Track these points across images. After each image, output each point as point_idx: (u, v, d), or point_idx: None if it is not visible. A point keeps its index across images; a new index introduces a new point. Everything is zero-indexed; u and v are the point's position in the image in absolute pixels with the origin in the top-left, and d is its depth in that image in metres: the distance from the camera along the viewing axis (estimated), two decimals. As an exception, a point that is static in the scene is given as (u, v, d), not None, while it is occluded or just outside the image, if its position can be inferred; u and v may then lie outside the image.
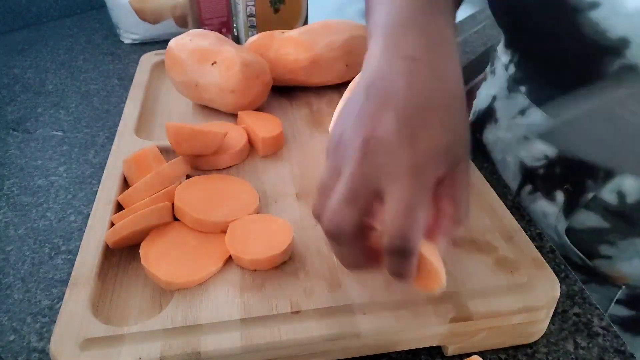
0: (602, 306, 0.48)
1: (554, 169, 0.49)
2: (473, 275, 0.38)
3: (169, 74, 0.59)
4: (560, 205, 0.49)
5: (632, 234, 0.46)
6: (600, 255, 0.49)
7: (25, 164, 0.61)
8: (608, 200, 0.45)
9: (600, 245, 0.48)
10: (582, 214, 0.47)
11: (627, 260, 0.47)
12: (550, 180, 0.50)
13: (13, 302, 0.43)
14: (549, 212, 0.50)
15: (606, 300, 0.51)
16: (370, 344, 0.36)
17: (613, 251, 0.48)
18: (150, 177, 0.44)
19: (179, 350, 0.33)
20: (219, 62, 0.55)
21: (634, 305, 0.51)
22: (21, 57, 0.89)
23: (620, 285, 0.50)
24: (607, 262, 0.49)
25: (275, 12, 0.81)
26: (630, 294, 0.50)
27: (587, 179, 0.46)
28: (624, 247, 0.47)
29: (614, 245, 0.47)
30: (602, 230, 0.47)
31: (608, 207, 0.46)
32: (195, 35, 0.58)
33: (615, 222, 0.46)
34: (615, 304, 0.52)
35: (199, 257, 0.39)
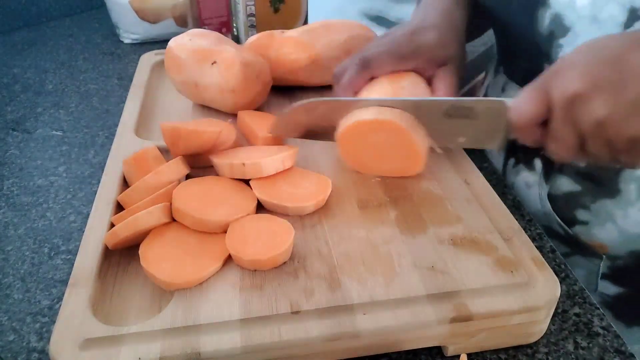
0: (590, 284, 0.52)
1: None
2: (473, 275, 0.38)
3: (168, 74, 0.58)
4: (540, 172, 0.52)
5: (601, 196, 0.49)
6: (577, 221, 0.51)
7: (25, 164, 0.61)
8: (578, 163, 0.49)
9: (576, 210, 0.51)
10: (558, 179, 0.51)
11: (601, 225, 0.50)
12: (527, 149, 0.52)
13: (13, 302, 0.43)
14: (531, 182, 0.54)
15: (593, 276, 0.52)
16: (370, 344, 0.36)
17: (588, 216, 0.50)
18: (150, 177, 0.44)
19: (179, 350, 0.33)
20: (219, 62, 0.55)
21: (619, 279, 0.52)
22: (21, 57, 0.89)
23: (601, 255, 0.51)
24: (585, 228, 0.51)
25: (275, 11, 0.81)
26: (612, 266, 0.52)
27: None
28: (596, 211, 0.50)
29: (588, 209, 0.50)
30: (576, 194, 0.50)
31: (579, 170, 0.49)
32: (194, 35, 0.58)
33: (585, 184, 0.49)
34: (602, 281, 0.53)
35: (199, 257, 0.39)
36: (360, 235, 0.42)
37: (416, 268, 0.39)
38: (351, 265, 0.39)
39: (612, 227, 0.49)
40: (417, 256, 0.40)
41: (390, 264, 0.39)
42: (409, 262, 0.39)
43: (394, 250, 0.41)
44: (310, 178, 0.47)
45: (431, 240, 0.41)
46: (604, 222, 0.50)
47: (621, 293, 0.53)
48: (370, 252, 0.40)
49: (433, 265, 0.39)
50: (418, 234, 0.42)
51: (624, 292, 0.53)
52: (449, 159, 0.51)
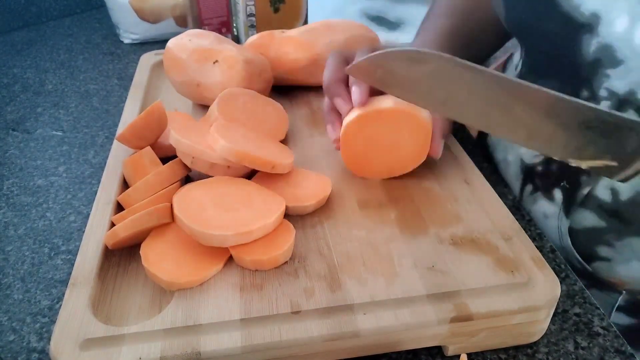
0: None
1: (551, 165, 0.50)
2: (473, 275, 0.38)
3: (168, 75, 0.58)
4: (559, 204, 0.50)
5: (627, 234, 0.46)
6: (598, 257, 0.49)
7: (25, 164, 0.61)
8: (603, 198, 0.46)
9: (598, 246, 0.48)
10: (580, 213, 0.48)
11: (624, 263, 0.48)
12: (548, 177, 0.51)
13: (13, 302, 0.43)
14: (549, 213, 0.51)
15: (608, 308, 0.51)
16: (370, 344, 0.36)
17: (611, 253, 0.48)
18: (150, 178, 0.44)
19: (179, 350, 0.33)
20: (220, 61, 0.55)
21: (634, 312, 0.51)
22: (21, 57, 0.89)
23: (621, 290, 0.50)
24: (606, 265, 0.49)
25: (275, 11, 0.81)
26: (630, 299, 0.50)
27: (581, 175, 0.47)
28: (620, 248, 0.47)
29: (611, 246, 0.47)
30: (599, 230, 0.47)
31: (603, 205, 0.46)
32: (194, 35, 0.58)
33: (610, 221, 0.46)
34: (616, 312, 0.52)
35: (200, 257, 0.39)
36: (360, 235, 0.42)
37: (416, 268, 0.39)
38: (351, 265, 0.39)
39: (637, 265, 0.47)
40: (417, 256, 0.40)
41: (391, 264, 0.39)
42: (409, 262, 0.39)
43: (394, 250, 0.41)
44: (310, 178, 0.47)
45: (431, 240, 0.41)
46: (629, 260, 0.47)
47: (634, 324, 0.51)
48: (370, 252, 0.40)
49: (433, 265, 0.39)
50: (418, 234, 0.42)
51: (637, 323, 0.51)
52: (449, 158, 0.51)
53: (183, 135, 0.44)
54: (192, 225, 0.38)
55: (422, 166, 0.50)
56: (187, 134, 0.45)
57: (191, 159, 0.44)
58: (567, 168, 0.45)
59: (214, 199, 0.41)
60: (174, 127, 0.45)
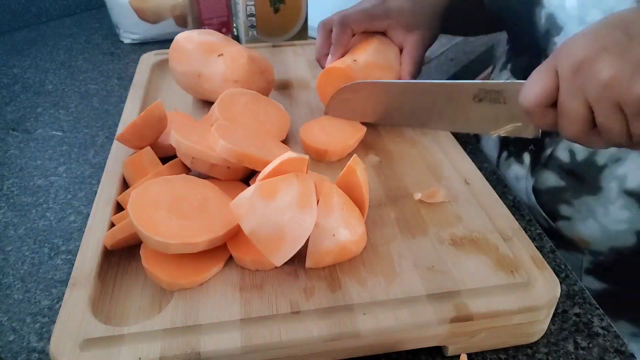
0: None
1: None
2: (473, 275, 0.38)
3: (171, 65, 0.59)
4: (527, 166, 0.55)
5: (583, 192, 0.50)
6: (561, 216, 0.53)
7: (25, 164, 0.61)
8: (562, 158, 0.51)
9: (560, 205, 0.53)
10: (544, 174, 0.53)
11: (583, 221, 0.51)
12: (518, 143, 0.56)
13: (13, 302, 0.43)
14: (520, 175, 0.56)
15: (577, 271, 0.54)
16: (371, 344, 0.36)
17: (570, 211, 0.52)
18: (150, 178, 0.44)
19: (179, 350, 0.33)
20: (225, 54, 0.56)
21: (602, 275, 0.53)
22: (21, 57, 0.89)
23: (583, 250, 0.53)
24: (568, 223, 0.52)
25: (275, 12, 0.81)
26: (594, 261, 0.53)
27: (545, 137, 0.52)
28: (579, 207, 0.51)
29: (571, 204, 0.52)
30: (560, 189, 0.52)
31: (563, 166, 0.51)
32: (203, 32, 0.59)
33: (569, 180, 0.51)
34: (586, 275, 0.54)
35: (200, 257, 0.39)
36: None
37: (416, 268, 0.39)
38: (351, 265, 0.39)
39: (593, 224, 0.50)
40: (417, 256, 0.40)
41: (391, 264, 0.39)
42: (409, 262, 0.39)
43: (394, 250, 0.41)
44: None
45: (431, 240, 0.41)
46: (586, 218, 0.51)
47: (605, 289, 0.54)
48: (370, 252, 0.40)
49: (433, 265, 0.39)
50: (418, 234, 0.42)
51: (608, 288, 0.54)
52: (449, 158, 0.51)
53: (183, 136, 0.44)
54: (138, 225, 0.36)
55: (422, 166, 0.50)
56: (187, 135, 0.45)
57: (191, 159, 0.44)
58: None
59: (171, 200, 0.39)
60: (175, 128, 0.45)
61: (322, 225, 0.37)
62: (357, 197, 0.41)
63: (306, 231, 0.36)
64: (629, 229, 0.49)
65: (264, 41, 0.83)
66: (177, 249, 0.36)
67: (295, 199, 0.36)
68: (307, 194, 0.37)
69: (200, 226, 0.38)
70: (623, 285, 0.53)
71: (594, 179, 0.49)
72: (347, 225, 0.38)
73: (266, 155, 0.44)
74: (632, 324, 0.54)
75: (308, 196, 0.36)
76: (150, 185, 0.40)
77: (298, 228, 0.36)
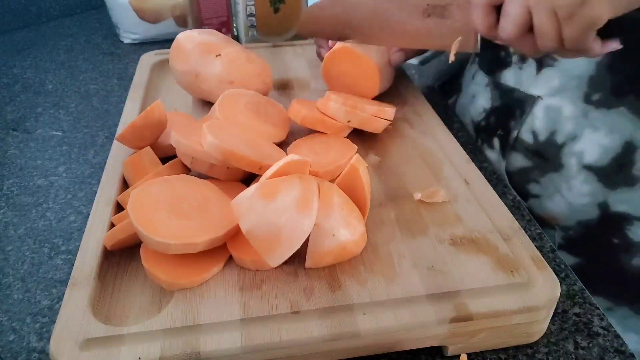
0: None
1: (490, 119, 0.61)
2: (473, 275, 0.38)
3: (171, 65, 0.59)
4: (498, 149, 0.59)
5: (548, 170, 0.55)
6: (531, 195, 0.57)
7: (25, 164, 0.61)
8: (527, 140, 0.56)
9: (529, 184, 0.57)
10: (513, 156, 0.57)
11: (550, 197, 0.55)
12: (489, 129, 0.61)
13: (13, 302, 0.43)
14: (493, 159, 0.60)
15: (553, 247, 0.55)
16: (370, 344, 0.36)
17: (538, 189, 0.56)
18: (150, 178, 0.44)
19: (179, 350, 0.33)
20: (223, 55, 0.56)
21: (573, 249, 0.56)
22: (21, 57, 0.89)
23: (554, 226, 0.56)
24: (538, 201, 0.56)
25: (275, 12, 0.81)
26: (565, 236, 0.56)
27: (510, 121, 0.57)
28: (545, 184, 0.55)
29: (538, 182, 0.56)
30: (528, 169, 0.56)
31: (528, 147, 0.56)
32: (204, 32, 0.59)
33: (534, 160, 0.55)
34: (559, 251, 0.55)
35: (200, 257, 0.39)
36: (360, 235, 0.42)
37: (416, 268, 0.39)
38: (351, 265, 0.39)
39: (560, 199, 0.54)
40: (417, 256, 0.40)
41: (391, 264, 0.39)
42: (409, 262, 0.39)
43: (394, 250, 0.41)
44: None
45: (431, 240, 0.41)
46: (553, 194, 0.55)
47: (578, 263, 0.57)
48: (370, 252, 0.40)
49: (433, 265, 0.39)
50: (418, 234, 0.42)
51: (580, 262, 0.57)
52: (449, 159, 0.51)
53: (183, 136, 0.44)
54: (138, 226, 0.36)
55: (422, 166, 0.50)
56: (187, 135, 0.45)
57: (191, 159, 0.44)
58: (502, 118, 0.59)
59: (170, 200, 0.39)
60: (175, 128, 0.45)
61: (322, 225, 0.37)
62: (358, 197, 0.41)
63: (304, 233, 0.36)
64: (591, 202, 0.53)
65: (264, 41, 0.83)
66: (177, 249, 0.36)
67: (295, 201, 0.36)
68: (308, 196, 0.37)
69: (200, 226, 0.38)
70: (593, 258, 0.56)
71: (555, 157, 0.54)
72: (347, 225, 0.38)
73: (256, 156, 0.43)
74: (607, 299, 0.56)
75: (309, 198, 0.36)
76: (150, 185, 0.40)
77: (295, 230, 0.36)
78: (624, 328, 0.55)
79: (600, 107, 0.50)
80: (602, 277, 0.56)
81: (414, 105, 0.61)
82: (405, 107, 0.61)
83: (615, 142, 0.51)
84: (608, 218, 0.53)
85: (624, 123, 0.50)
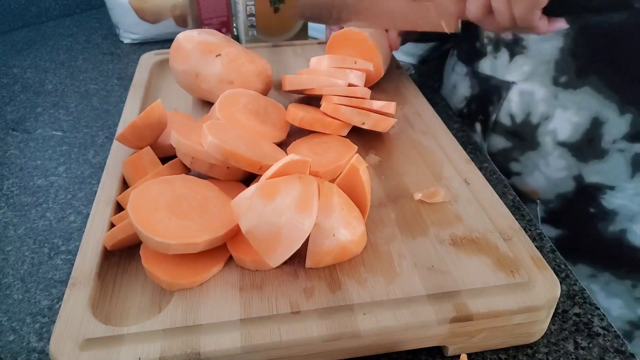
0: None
1: (471, 106, 0.66)
2: (473, 275, 0.38)
3: (171, 64, 0.59)
4: (480, 133, 0.64)
5: (526, 149, 0.59)
6: (513, 173, 0.61)
7: (25, 164, 0.61)
8: (505, 122, 0.60)
9: (510, 163, 0.61)
10: (493, 138, 0.62)
11: (530, 174, 0.60)
12: (470, 115, 0.66)
13: (12, 302, 0.43)
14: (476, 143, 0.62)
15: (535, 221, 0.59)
16: (371, 344, 0.36)
17: (519, 167, 0.61)
18: (150, 178, 0.44)
19: (179, 350, 0.33)
20: (223, 55, 0.56)
21: (555, 222, 0.61)
22: (21, 57, 0.89)
23: (536, 200, 0.60)
24: (519, 178, 0.61)
25: (275, 11, 0.81)
26: (547, 210, 0.61)
27: (489, 106, 0.62)
28: (524, 162, 0.60)
29: (518, 161, 0.60)
30: (508, 149, 0.61)
31: (507, 129, 0.60)
32: (204, 32, 0.59)
33: (513, 141, 0.60)
34: (543, 225, 0.61)
35: (200, 257, 0.39)
36: (360, 235, 0.42)
37: (416, 268, 0.39)
38: (351, 265, 0.39)
39: (539, 175, 0.59)
40: (417, 256, 0.40)
41: (390, 264, 0.39)
42: (409, 262, 0.39)
43: (394, 250, 0.41)
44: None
45: (431, 240, 0.41)
46: (532, 171, 0.59)
47: (560, 235, 0.61)
48: (370, 252, 0.40)
49: (433, 265, 0.39)
50: (418, 234, 0.42)
51: (562, 233, 0.61)
52: (449, 158, 0.51)
53: (183, 136, 0.44)
54: (138, 226, 0.36)
55: (422, 166, 0.50)
56: (187, 135, 0.45)
57: (191, 159, 0.44)
58: (481, 105, 0.64)
59: (170, 200, 0.39)
60: (175, 128, 0.45)
61: (322, 225, 0.37)
62: (358, 197, 0.41)
63: (303, 233, 0.36)
64: (567, 176, 0.58)
65: (264, 41, 0.83)
66: (177, 249, 0.36)
67: (295, 201, 0.36)
68: (308, 197, 0.37)
69: (200, 226, 0.38)
70: (574, 229, 0.60)
71: (532, 136, 0.58)
72: (347, 225, 0.38)
73: (256, 156, 0.43)
74: (589, 266, 0.61)
75: (309, 199, 0.36)
76: (150, 185, 0.40)
77: (295, 230, 0.36)
78: (608, 294, 0.60)
79: (567, 88, 0.55)
80: (584, 245, 0.60)
81: (414, 105, 0.61)
82: (405, 107, 0.61)
83: (584, 118, 0.55)
84: (583, 189, 0.58)
85: (590, 101, 0.54)
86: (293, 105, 0.54)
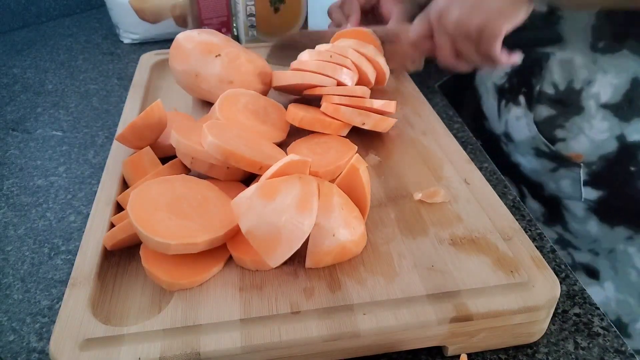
0: (576, 192, 0.63)
1: (512, 80, 0.67)
2: (473, 275, 0.38)
3: (171, 64, 0.59)
4: (524, 105, 0.66)
5: (571, 115, 0.61)
6: (558, 139, 0.63)
7: (25, 164, 0.61)
8: (549, 92, 0.62)
9: (555, 130, 0.63)
10: (538, 108, 0.64)
11: (575, 138, 0.62)
12: (512, 89, 0.68)
13: (12, 303, 0.43)
14: (519, 114, 0.66)
15: (577, 185, 0.64)
16: (370, 344, 0.36)
17: (564, 133, 0.62)
18: (150, 178, 0.44)
19: (179, 350, 0.33)
20: (223, 55, 0.56)
21: (597, 183, 0.62)
22: (21, 57, 0.89)
23: (579, 164, 0.62)
24: (564, 144, 0.63)
25: (275, 11, 0.81)
26: (589, 172, 0.62)
27: (532, 78, 0.64)
28: (570, 128, 0.62)
29: (563, 127, 0.62)
30: (553, 117, 0.63)
31: (551, 98, 0.62)
32: (204, 32, 0.59)
33: (558, 108, 0.62)
34: (585, 188, 0.63)
35: (200, 257, 0.39)
36: (360, 235, 0.42)
37: (416, 268, 0.39)
38: (351, 265, 0.39)
39: (583, 139, 0.61)
40: (417, 256, 0.40)
41: (390, 264, 0.39)
42: (409, 262, 0.39)
43: (393, 250, 0.41)
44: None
45: (431, 240, 0.41)
46: (577, 135, 0.61)
47: (601, 196, 0.63)
48: (370, 252, 0.40)
49: (433, 265, 0.39)
50: (418, 234, 0.42)
51: (603, 195, 0.63)
52: (449, 158, 0.51)
53: (183, 136, 0.44)
54: (138, 226, 0.36)
55: (422, 166, 0.50)
56: (187, 135, 0.45)
57: (191, 159, 0.44)
58: (523, 78, 0.66)
59: (170, 200, 0.39)
60: (175, 128, 0.45)
61: (322, 225, 0.37)
62: (358, 197, 0.41)
63: (303, 233, 0.36)
64: (610, 136, 0.59)
65: (264, 41, 0.83)
66: (177, 249, 0.36)
67: (295, 201, 0.36)
68: (308, 197, 0.37)
69: (200, 226, 0.38)
70: (614, 189, 0.62)
71: (576, 102, 0.61)
72: (347, 225, 0.38)
73: (256, 157, 0.43)
74: (628, 229, 0.63)
75: (308, 199, 0.36)
76: (150, 185, 0.40)
77: (295, 230, 0.36)
78: None
79: (606, 53, 0.58)
80: (623, 207, 0.62)
81: (414, 105, 0.61)
82: (405, 107, 0.61)
83: (623, 80, 0.58)
84: (625, 148, 0.59)
85: (628, 63, 0.57)
86: (293, 105, 0.54)
